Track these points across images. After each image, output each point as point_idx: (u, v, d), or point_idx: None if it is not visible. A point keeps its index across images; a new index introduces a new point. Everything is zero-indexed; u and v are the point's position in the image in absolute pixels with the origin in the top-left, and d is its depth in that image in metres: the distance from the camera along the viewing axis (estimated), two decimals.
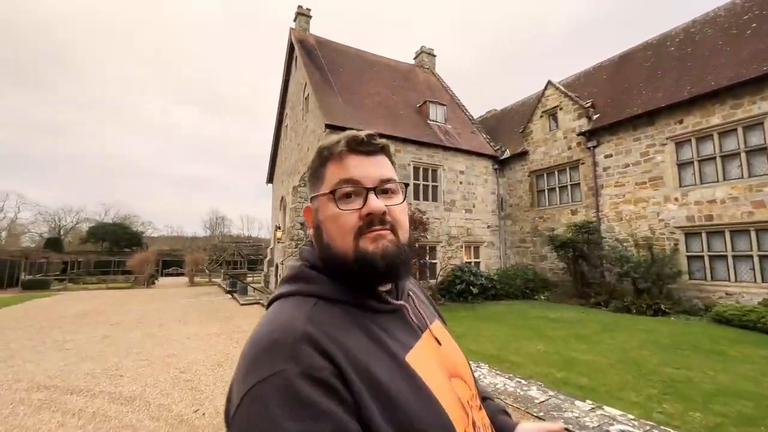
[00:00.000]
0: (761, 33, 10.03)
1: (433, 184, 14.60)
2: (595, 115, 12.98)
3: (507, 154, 16.15)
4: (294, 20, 18.19)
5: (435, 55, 21.75)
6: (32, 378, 4.93)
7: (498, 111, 21.73)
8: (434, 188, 14.62)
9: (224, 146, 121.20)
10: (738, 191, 9.44)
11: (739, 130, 9.55)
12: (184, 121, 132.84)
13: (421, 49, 21.47)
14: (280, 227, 17.68)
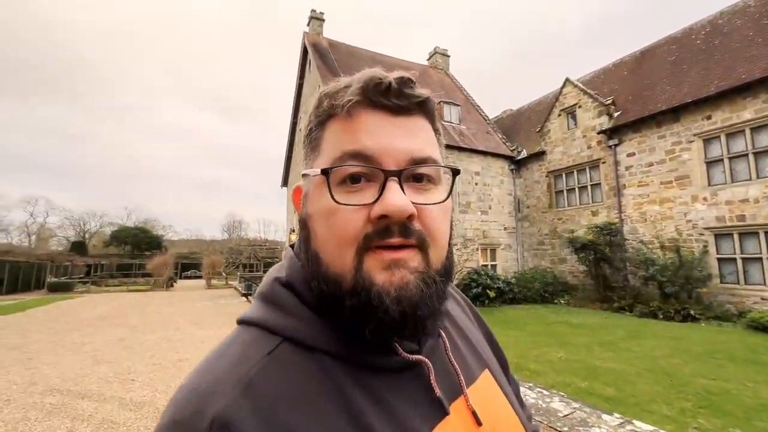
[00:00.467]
0: None
1: None
2: (616, 113, 12.51)
3: (524, 154, 15.77)
4: (307, 24, 18.29)
5: (449, 56, 21.53)
6: (47, 381, 4.97)
7: (514, 111, 21.31)
8: None
9: (241, 150, 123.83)
10: None
11: None
12: (203, 126, 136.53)
13: (435, 49, 21.27)
14: (294, 230, 17.74)
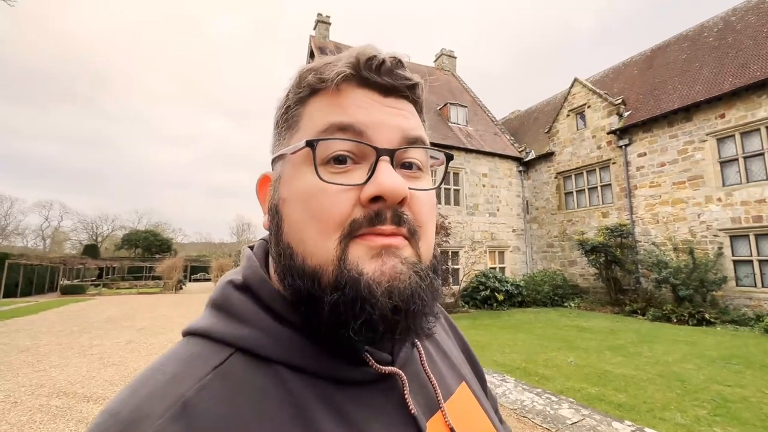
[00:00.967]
0: None
1: (455, 187, 14.25)
2: (626, 112, 12.30)
3: (532, 155, 15.59)
4: (314, 28, 18.37)
5: (455, 57, 21.42)
6: (54, 384, 5.00)
7: (522, 111, 21.12)
8: (456, 192, 14.26)
9: (251, 152, 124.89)
10: None
11: None
12: (214, 130, 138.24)
13: (441, 51, 21.20)
14: None
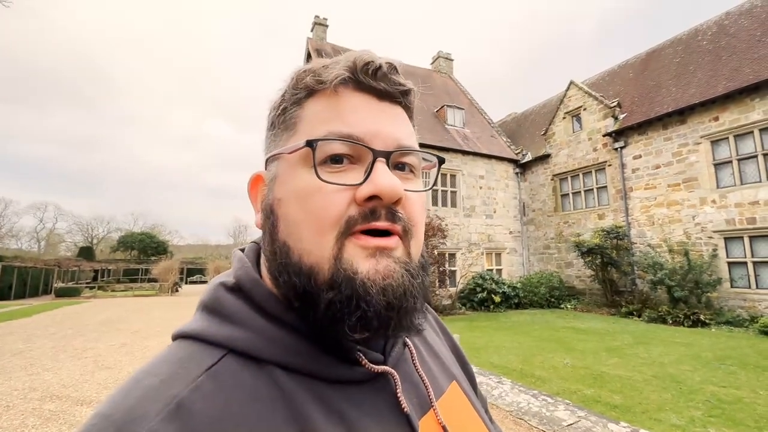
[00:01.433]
0: None
1: (452, 189, 14.27)
2: (622, 115, 12.38)
3: (528, 157, 15.65)
4: (311, 30, 18.39)
5: (452, 60, 21.51)
6: (47, 387, 4.94)
7: (518, 114, 21.21)
8: (453, 194, 14.29)
9: (248, 155, 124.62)
10: None
11: None
12: (212, 133, 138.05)
13: (438, 53, 21.26)
14: None
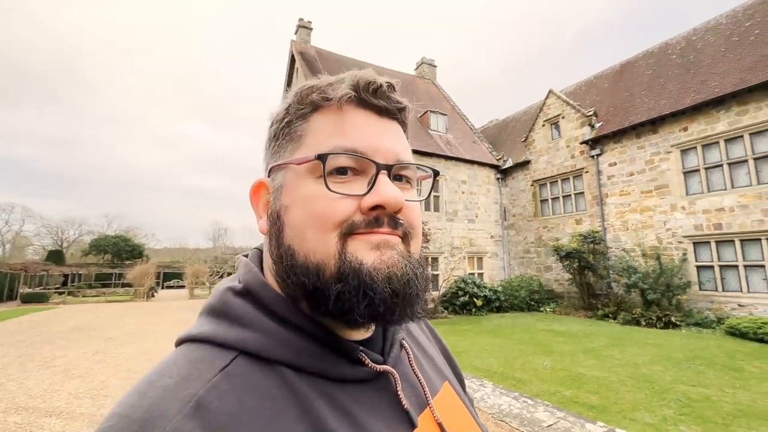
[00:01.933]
0: (765, 39, 9.90)
1: (435, 194, 14.40)
2: (598, 124, 12.82)
3: (509, 163, 15.98)
4: (295, 33, 18.33)
5: (436, 66, 21.79)
6: (12, 398, 4.70)
7: (500, 120, 21.63)
8: (436, 198, 14.43)
9: (228, 158, 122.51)
10: (747, 199, 9.18)
11: (746, 137, 9.35)
12: (192, 134, 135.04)
13: (422, 60, 21.51)
14: None
